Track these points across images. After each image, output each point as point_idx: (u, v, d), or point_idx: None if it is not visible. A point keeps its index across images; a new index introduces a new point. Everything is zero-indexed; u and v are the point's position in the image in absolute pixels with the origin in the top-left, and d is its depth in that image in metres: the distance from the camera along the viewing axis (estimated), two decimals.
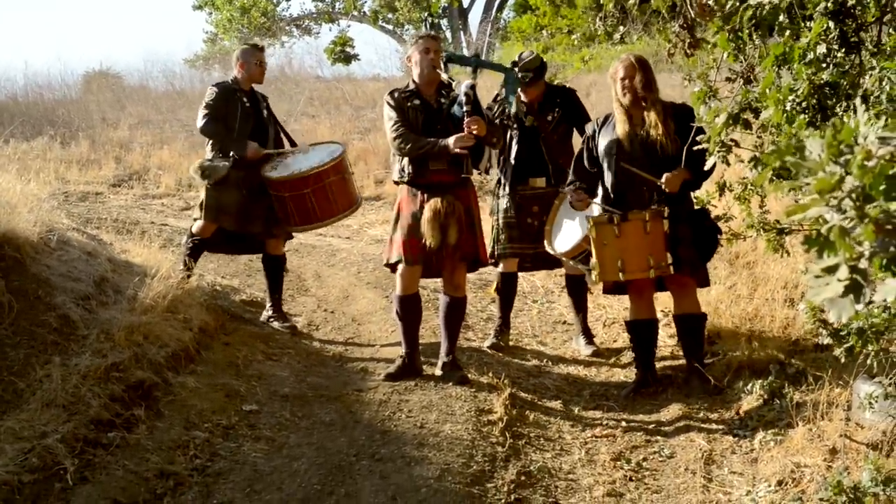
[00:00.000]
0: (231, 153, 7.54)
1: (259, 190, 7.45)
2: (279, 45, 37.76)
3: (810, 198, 1.64)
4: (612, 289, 6.75)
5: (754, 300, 7.63)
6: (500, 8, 41.27)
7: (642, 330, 6.58)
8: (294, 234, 7.95)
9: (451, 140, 6.29)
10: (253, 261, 9.79)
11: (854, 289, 1.60)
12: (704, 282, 6.57)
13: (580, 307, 7.65)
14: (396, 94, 6.57)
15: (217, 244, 7.93)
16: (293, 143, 7.91)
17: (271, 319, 7.74)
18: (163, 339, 6.14)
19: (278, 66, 23.82)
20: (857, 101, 3.77)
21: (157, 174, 15.26)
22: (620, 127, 6.40)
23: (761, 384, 5.95)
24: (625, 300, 8.26)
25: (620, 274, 6.22)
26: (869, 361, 4.48)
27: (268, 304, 7.89)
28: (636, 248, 6.17)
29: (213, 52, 38.83)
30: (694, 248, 6.30)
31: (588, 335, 7.62)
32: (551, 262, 7.65)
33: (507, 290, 7.73)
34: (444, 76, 6.57)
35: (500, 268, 7.63)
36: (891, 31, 4.34)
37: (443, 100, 6.55)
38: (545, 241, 7.01)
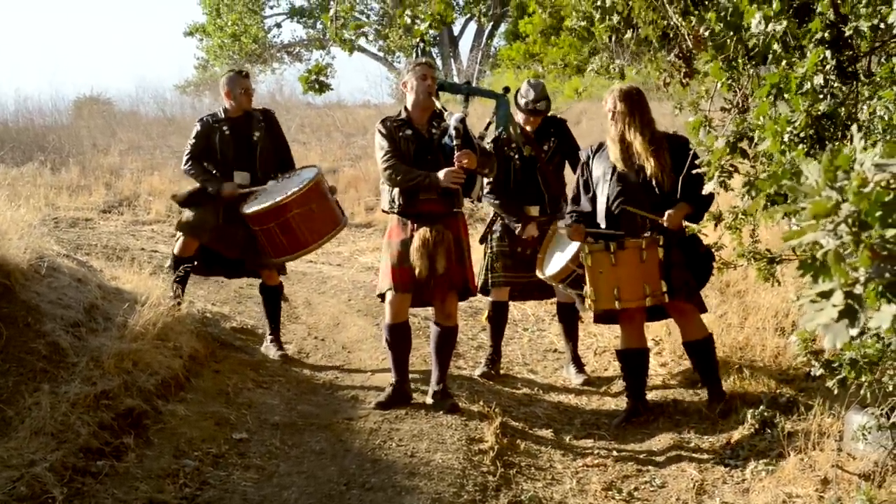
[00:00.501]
0: (209, 190, 7.58)
1: (236, 215, 7.40)
2: (270, 72, 37.85)
3: (806, 223, 1.63)
4: (602, 317, 6.72)
5: (745, 329, 7.63)
6: (491, 36, 41.46)
7: (633, 359, 6.56)
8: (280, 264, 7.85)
9: (441, 174, 6.28)
10: (243, 287, 9.79)
11: (849, 314, 1.60)
12: (701, 307, 6.56)
13: (571, 335, 7.64)
14: (388, 123, 6.54)
15: (209, 267, 7.92)
16: (291, 166, 7.86)
17: (269, 346, 7.72)
18: (153, 367, 6.10)
19: (269, 92, 23.86)
20: (854, 127, 3.77)
21: (148, 200, 15.23)
22: (612, 156, 6.42)
23: (752, 414, 5.94)
24: (616, 329, 8.29)
25: (616, 302, 6.22)
26: (862, 392, 4.47)
27: (267, 332, 7.86)
28: (632, 276, 6.18)
29: (203, 78, 38.89)
30: (688, 271, 6.28)
31: (578, 364, 7.60)
32: (542, 292, 7.65)
33: (498, 319, 7.71)
34: (437, 104, 6.57)
35: (492, 296, 7.61)
36: (882, 60, 4.35)
37: (434, 130, 6.53)
38: (537, 269, 7.01)
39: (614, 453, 5.97)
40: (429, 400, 6.46)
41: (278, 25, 45.17)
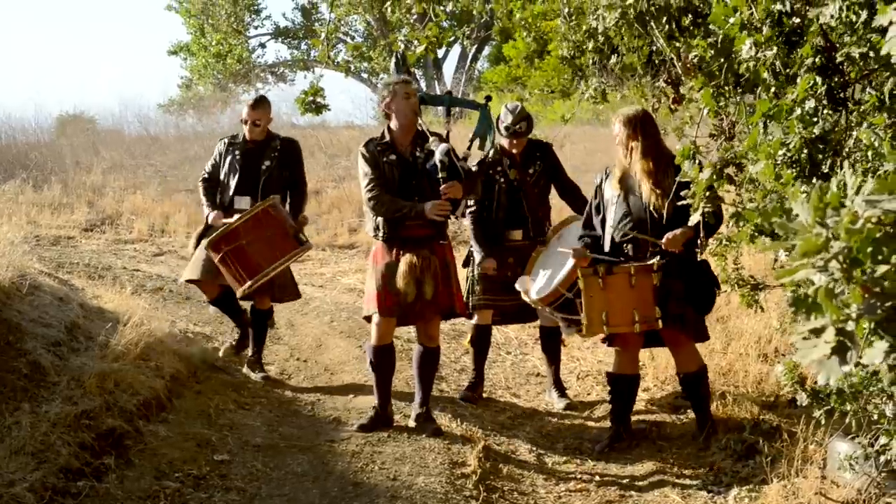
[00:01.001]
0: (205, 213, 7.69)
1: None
2: (254, 92, 37.85)
3: (798, 262, 1.63)
4: (605, 340, 6.73)
5: (728, 355, 7.65)
6: (475, 59, 41.59)
7: (623, 384, 6.55)
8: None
9: (427, 207, 6.26)
10: None
11: (841, 351, 1.60)
12: (701, 336, 6.53)
13: (553, 359, 7.63)
14: (372, 147, 6.47)
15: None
16: (301, 198, 7.95)
17: (251, 368, 7.71)
18: (134, 387, 6.07)
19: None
20: (846, 163, 3.79)
21: (130, 219, 15.19)
22: (614, 181, 6.44)
23: (735, 440, 5.95)
24: (599, 353, 8.29)
25: (604, 326, 6.21)
26: (847, 420, 4.48)
27: (249, 353, 7.85)
28: (621, 301, 6.16)
29: (187, 97, 38.88)
30: (686, 302, 6.27)
31: (560, 388, 7.59)
32: (524, 316, 7.64)
33: (481, 343, 7.69)
34: (421, 125, 6.57)
35: (475, 319, 7.59)
36: (870, 90, 4.37)
37: (418, 152, 6.50)
38: (522, 292, 7.00)
39: (597, 478, 5.97)
40: (411, 423, 6.44)
41: (262, 46, 45.21)
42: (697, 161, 4.58)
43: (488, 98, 7.51)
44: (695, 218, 4.49)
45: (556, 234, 7.28)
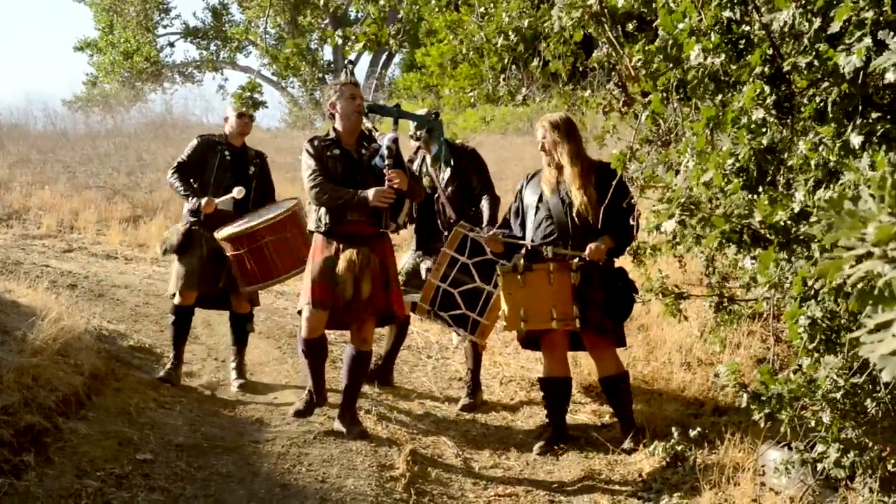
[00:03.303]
0: (188, 208, 7.52)
1: (221, 251, 7.30)
2: (162, 92, 37.43)
3: (850, 253, 1.58)
4: (527, 343, 6.72)
5: (650, 363, 7.68)
6: (386, 65, 41.59)
7: (555, 388, 6.55)
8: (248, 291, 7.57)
9: (370, 193, 6.20)
10: (139, 306, 9.56)
11: None
12: (620, 342, 6.57)
13: (474, 361, 7.58)
14: (316, 143, 6.44)
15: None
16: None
17: (231, 373, 7.60)
18: (53, 383, 5.87)
19: (159, 113, 23.55)
20: (797, 175, 3.80)
21: (39, 214, 14.85)
22: (543, 185, 6.46)
23: (664, 447, 5.95)
24: (521, 358, 8.28)
25: (522, 323, 6.20)
26: (783, 429, 4.49)
27: (231, 359, 7.70)
28: (539, 298, 6.17)
29: (92, 94, 38.28)
30: (603, 310, 6.30)
31: (471, 387, 7.57)
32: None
33: (397, 332, 7.82)
34: (367, 125, 6.52)
35: None
36: (813, 97, 4.40)
37: (364, 150, 6.45)
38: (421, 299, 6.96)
39: (525, 483, 5.92)
40: (337, 425, 6.34)
41: (171, 45, 44.76)
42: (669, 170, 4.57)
43: (437, 114, 7.47)
44: (669, 226, 4.46)
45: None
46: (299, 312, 6.48)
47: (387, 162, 6.25)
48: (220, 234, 7.15)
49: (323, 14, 38.92)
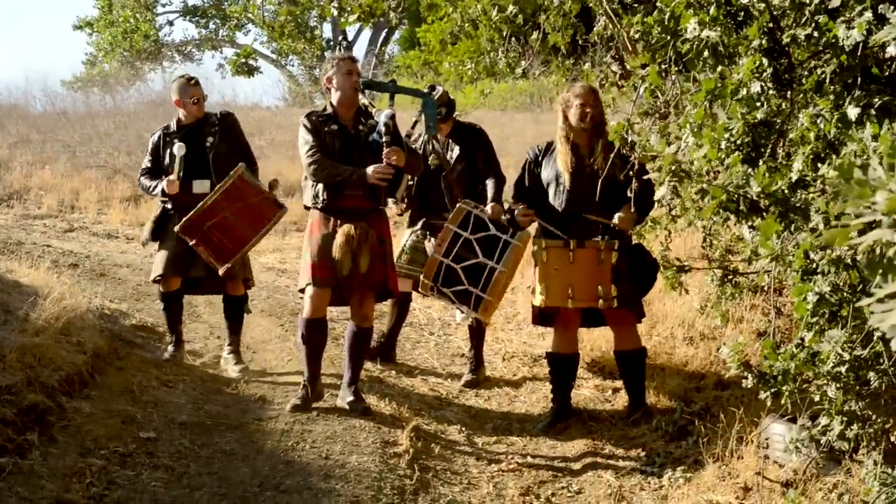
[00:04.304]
0: (157, 194, 7.44)
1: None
2: (161, 71, 37.30)
3: (857, 221, 1.56)
4: (541, 319, 6.69)
5: (653, 338, 7.67)
6: (385, 42, 41.46)
7: (563, 364, 6.56)
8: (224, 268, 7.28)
9: (369, 170, 6.19)
10: (141, 285, 9.56)
11: None
12: (641, 315, 6.59)
13: (477, 337, 7.59)
14: (314, 118, 6.42)
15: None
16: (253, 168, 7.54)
17: (228, 359, 7.48)
18: (56, 362, 5.88)
19: (159, 92, 23.47)
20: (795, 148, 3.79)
21: (39, 194, 14.82)
22: (563, 158, 6.40)
23: (667, 421, 5.95)
24: (524, 335, 8.28)
25: (570, 301, 6.17)
26: (783, 401, 4.49)
27: (225, 344, 7.62)
28: (588, 276, 6.17)
29: (92, 74, 38.18)
30: (633, 283, 6.30)
31: (474, 363, 7.58)
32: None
33: (400, 310, 7.80)
34: (364, 100, 6.50)
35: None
36: (813, 69, 4.38)
37: (361, 126, 6.44)
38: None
39: (529, 458, 5.94)
40: (340, 402, 6.34)
41: (170, 24, 44.60)
42: (664, 136, 4.55)
43: (432, 87, 7.44)
44: (661, 192, 4.46)
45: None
46: (301, 291, 6.47)
47: (384, 139, 6.24)
48: (177, 227, 7.05)
49: None
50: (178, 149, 7.23)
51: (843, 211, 1.60)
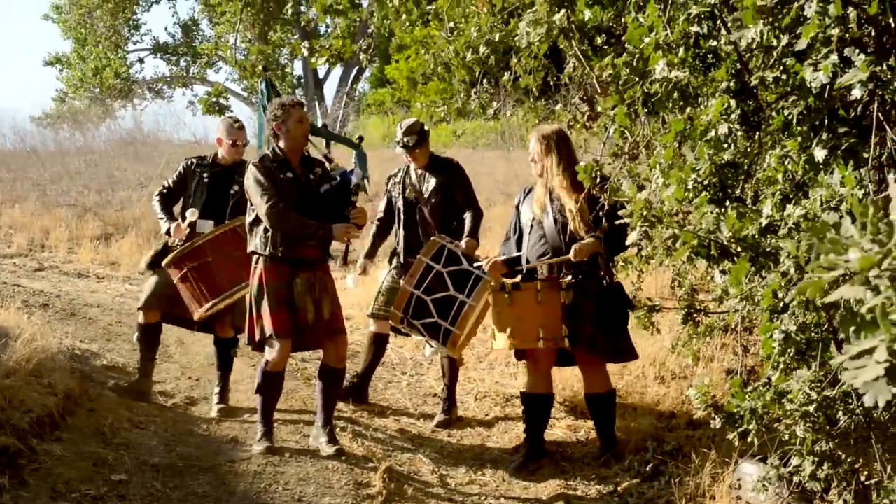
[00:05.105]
0: (163, 231, 7.46)
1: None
2: (132, 108, 37.29)
3: (830, 275, 1.60)
4: (519, 355, 6.76)
5: (624, 377, 7.70)
6: (356, 80, 41.63)
7: (536, 404, 6.55)
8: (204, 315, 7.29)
9: (337, 228, 6.25)
10: (112, 325, 9.52)
11: (892, 371, 1.57)
12: (613, 357, 6.55)
13: (450, 377, 7.60)
14: (267, 162, 6.37)
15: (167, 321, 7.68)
16: None
17: (216, 402, 7.44)
18: (27, 404, 5.84)
19: (129, 129, 23.45)
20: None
21: (9, 233, 14.77)
22: (535, 200, 6.46)
23: (639, 461, 5.97)
24: (496, 374, 8.29)
25: (510, 341, 6.21)
26: (749, 439, 4.52)
27: (216, 383, 7.57)
28: (527, 317, 6.18)
29: (61, 110, 38.15)
30: (597, 325, 6.28)
31: (447, 403, 7.61)
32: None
33: (375, 351, 7.80)
34: (322, 150, 6.55)
35: (373, 328, 7.75)
36: (780, 111, 4.44)
37: (311, 175, 6.48)
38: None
39: (502, 500, 5.94)
40: (313, 442, 6.34)
41: (141, 61, 44.64)
42: (632, 184, 4.59)
43: (360, 138, 7.52)
44: (633, 237, 4.49)
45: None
46: (255, 348, 6.49)
47: (354, 198, 6.33)
48: (165, 260, 7.11)
49: (293, 29, 38.96)
50: (191, 213, 7.32)
51: (817, 265, 1.64)
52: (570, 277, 6.24)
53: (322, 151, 6.69)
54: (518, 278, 6.53)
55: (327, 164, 6.56)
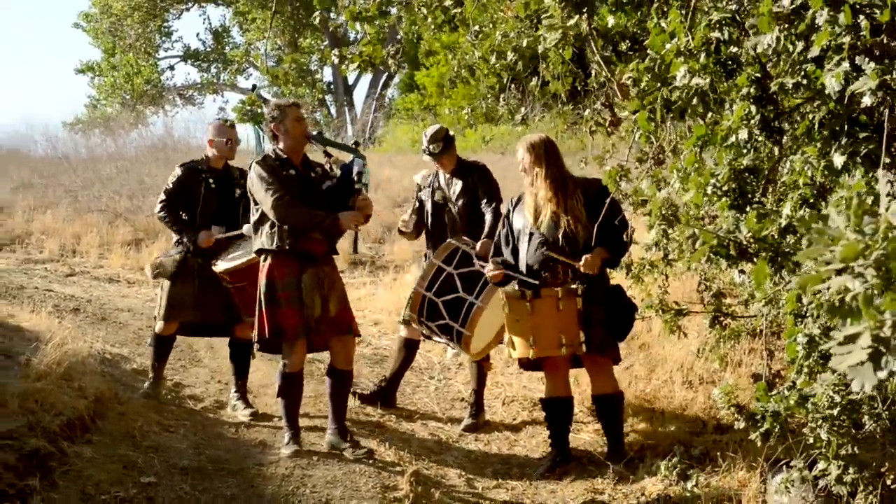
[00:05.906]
0: (184, 241, 7.45)
1: (215, 278, 7.27)
2: (163, 114, 37.57)
3: (828, 268, 1.63)
4: (528, 365, 6.70)
5: (652, 381, 7.70)
6: (385, 86, 41.75)
7: (557, 408, 6.57)
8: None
9: (345, 217, 6.28)
10: (142, 329, 9.59)
11: (876, 357, 1.60)
12: (616, 359, 6.56)
13: (478, 381, 7.62)
14: (270, 161, 6.40)
15: (182, 332, 7.74)
16: None
17: (235, 405, 7.49)
18: (57, 407, 5.90)
19: (160, 136, 23.56)
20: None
21: (41, 239, 14.91)
22: (527, 210, 6.46)
23: (666, 465, 5.97)
24: (524, 378, 8.30)
25: (531, 350, 6.21)
26: (771, 441, 4.52)
27: (232, 389, 7.64)
28: (548, 325, 6.18)
29: (93, 116, 38.42)
30: (605, 329, 6.31)
31: (474, 408, 7.61)
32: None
33: (405, 356, 7.87)
34: (316, 147, 6.57)
35: (403, 333, 7.81)
36: (800, 118, 4.45)
37: (312, 173, 6.52)
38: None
39: (528, 503, 5.95)
40: (327, 444, 6.38)
41: (171, 68, 44.92)
42: (654, 181, 4.61)
43: (357, 143, 7.56)
44: (652, 235, 4.52)
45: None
46: (262, 348, 6.50)
47: (357, 187, 6.35)
48: (218, 268, 7.17)
49: (322, 35, 39.10)
50: (218, 231, 7.44)
51: (803, 255, 1.67)
52: (583, 284, 6.24)
53: (321, 149, 6.68)
54: (515, 285, 6.49)
55: (327, 163, 6.58)
